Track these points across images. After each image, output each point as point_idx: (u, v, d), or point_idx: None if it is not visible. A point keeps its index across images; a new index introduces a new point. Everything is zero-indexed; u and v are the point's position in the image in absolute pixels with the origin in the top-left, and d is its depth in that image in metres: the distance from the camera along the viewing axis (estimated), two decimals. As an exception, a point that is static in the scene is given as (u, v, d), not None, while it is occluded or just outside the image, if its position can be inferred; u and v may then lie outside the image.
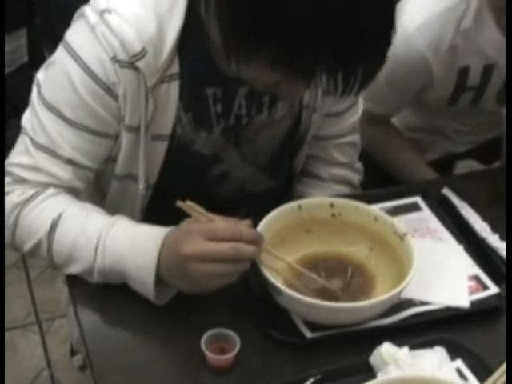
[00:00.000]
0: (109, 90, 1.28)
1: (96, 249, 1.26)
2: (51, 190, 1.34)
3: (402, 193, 1.52)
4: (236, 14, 1.10)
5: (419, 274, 1.25)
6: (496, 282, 1.34)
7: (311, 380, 1.14)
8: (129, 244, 1.26)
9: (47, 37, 3.16)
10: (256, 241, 1.19)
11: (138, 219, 1.42)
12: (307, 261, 1.33)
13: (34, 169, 1.34)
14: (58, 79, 1.30)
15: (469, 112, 1.86)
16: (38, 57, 2.98)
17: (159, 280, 1.23)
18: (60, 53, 1.31)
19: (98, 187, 1.48)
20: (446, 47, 1.67)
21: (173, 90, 1.32)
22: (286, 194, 1.59)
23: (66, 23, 3.13)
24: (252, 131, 1.43)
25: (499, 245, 1.42)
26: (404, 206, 1.50)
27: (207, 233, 1.18)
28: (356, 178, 1.64)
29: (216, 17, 1.16)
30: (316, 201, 1.39)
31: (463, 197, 1.52)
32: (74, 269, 1.31)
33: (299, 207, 1.36)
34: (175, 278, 1.22)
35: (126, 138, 1.34)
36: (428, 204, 1.51)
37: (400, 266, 1.29)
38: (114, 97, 1.28)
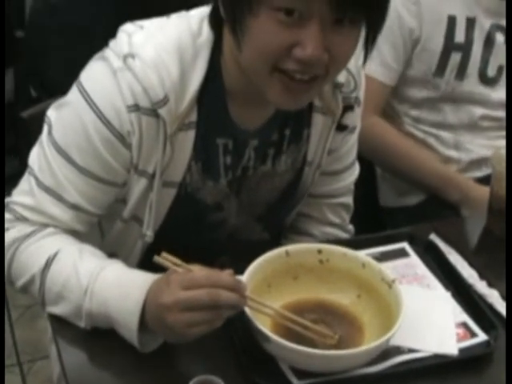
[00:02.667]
0: (122, 138, 1.27)
1: (85, 292, 1.25)
2: (51, 229, 1.34)
3: (389, 238, 1.52)
4: None
5: (407, 321, 1.24)
6: (484, 329, 1.33)
7: (298, 430, 1.12)
8: (116, 289, 1.25)
9: (34, 76, 3.18)
10: (236, 288, 1.17)
11: (136, 260, 1.43)
12: (294, 307, 1.32)
13: (36, 210, 1.33)
14: (70, 122, 1.30)
15: (454, 99, 1.97)
16: (24, 96, 3.00)
17: (144, 327, 1.22)
18: (75, 95, 1.30)
19: (99, 225, 1.47)
20: None
21: (189, 138, 1.32)
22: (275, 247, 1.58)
23: (52, 63, 3.15)
24: (254, 181, 1.44)
25: (487, 291, 1.42)
26: (391, 251, 1.50)
27: (185, 282, 1.17)
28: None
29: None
30: (303, 247, 1.38)
31: (450, 243, 1.52)
32: (63, 309, 1.30)
33: (287, 253, 1.35)
34: (157, 328, 1.21)
35: (138, 183, 1.33)
36: (415, 250, 1.51)
37: (388, 313, 1.28)
38: (127, 146, 1.28)
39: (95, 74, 1.29)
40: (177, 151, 1.32)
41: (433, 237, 1.53)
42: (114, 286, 1.26)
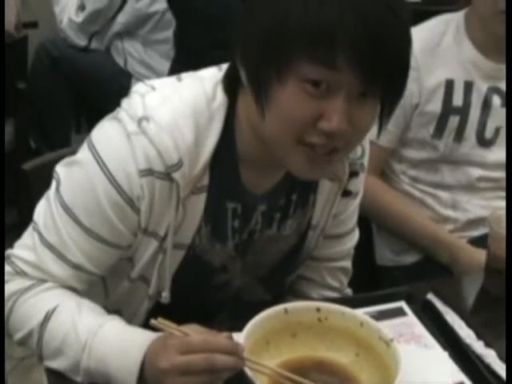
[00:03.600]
0: (131, 203, 1.28)
1: (83, 348, 1.25)
2: (50, 283, 1.34)
3: (386, 297, 1.52)
4: (255, 45, 1.20)
5: (405, 380, 1.24)
6: (481, 389, 1.33)
7: None
8: (115, 347, 1.25)
9: (34, 128, 3.21)
10: (233, 351, 1.18)
11: (141, 319, 1.42)
12: (292, 365, 1.32)
13: (37, 267, 1.33)
14: (79, 183, 1.30)
15: (452, 161, 2.00)
16: (23, 147, 3.02)
17: None
18: (86, 155, 1.30)
19: (104, 283, 1.46)
20: (432, 54, 1.95)
21: (200, 201, 1.33)
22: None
23: (52, 115, 3.18)
24: (259, 244, 1.45)
25: (484, 352, 1.42)
26: (389, 310, 1.50)
27: (182, 346, 1.17)
28: None
29: (243, 67, 1.24)
30: (302, 305, 1.39)
31: (448, 302, 1.52)
32: (60, 364, 1.30)
33: (285, 311, 1.35)
34: None
35: (148, 245, 1.34)
36: (413, 309, 1.51)
37: (386, 371, 1.28)
38: (136, 210, 1.29)
39: (108, 136, 1.29)
40: (188, 214, 1.32)
41: (430, 296, 1.53)
42: (113, 344, 1.26)
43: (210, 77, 1.34)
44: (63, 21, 3.30)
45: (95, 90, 3.24)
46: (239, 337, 1.27)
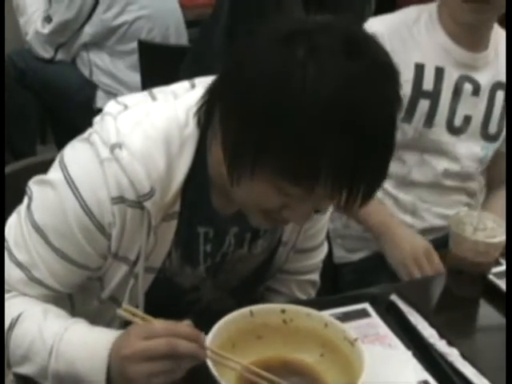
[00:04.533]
0: (102, 228, 1.27)
1: (50, 353, 1.26)
2: (14, 292, 1.34)
3: (351, 299, 1.55)
4: (240, 131, 1.15)
5: (369, 379, 1.26)
6: (445, 387, 1.36)
7: None
8: (82, 349, 1.26)
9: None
10: (194, 337, 1.19)
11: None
12: (259, 366, 1.32)
13: (8, 285, 1.33)
14: (50, 203, 1.29)
15: (420, 148, 2.02)
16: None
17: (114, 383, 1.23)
18: (57, 176, 1.28)
19: (70, 298, 1.45)
20: (402, 38, 1.98)
21: (171, 227, 1.33)
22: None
23: (18, 125, 3.14)
24: (230, 264, 1.46)
25: (447, 350, 1.45)
26: (353, 312, 1.52)
27: (143, 333, 1.19)
28: None
29: (222, 132, 1.20)
30: (267, 307, 1.40)
31: (411, 303, 1.55)
32: (29, 369, 1.30)
33: (251, 313, 1.37)
34: (119, 382, 1.22)
35: (118, 269, 1.34)
36: (377, 310, 1.53)
37: (351, 371, 1.30)
38: (106, 235, 1.29)
39: (81, 160, 1.28)
40: (159, 240, 1.33)
41: (394, 297, 1.56)
42: (79, 346, 1.26)
43: (183, 103, 1.32)
44: (29, 33, 3.29)
45: (61, 101, 3.23)
46: (206, 339, 1.29)
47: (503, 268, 1.68)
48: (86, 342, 1.26)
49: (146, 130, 1.27)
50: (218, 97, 1.23)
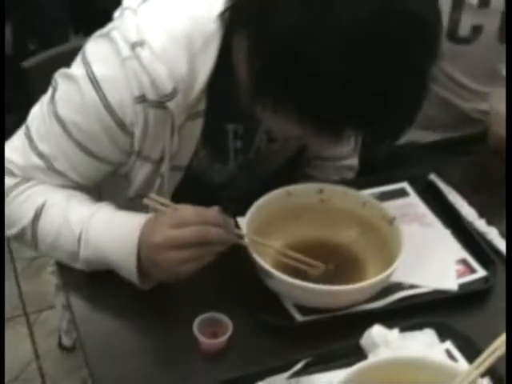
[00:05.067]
0: (124, 127, 1.26)
1: (79, 240, 1.27)
2: (35, 180, 1.33)
3: (389, 179, 1.53)
4: (267, 60, 1.08)
5: (408, 258, 1.27)
6: (483, 265, 1.36)
7: (303, 362, 1.15)
8: (110, 233, 1.26)
9: (31, 30, 3.17)
10: (223, 224, 1.19)
11: None
12: (297, 246, 1.34)
13: (26, 172, 1.33)
14: (73, 98, 1.27)
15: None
16: (22, 50, 2.99)
17: (143, 267, 1.24)
18: (81, 73, 1.25)
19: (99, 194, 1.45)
20: None
21: (196, 126, 1.31)
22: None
23: (48, 18, 3.12)
24: (264, 157, 1.44)
25: (486, 229, 1.44)
26: (392, 191, 1.51)
27: (173, 220, 1.19)
28: None
29: (248, 59, 1.13)
30: (305, 187, 1.40)
31: (450, 183, 1.54)
32: (59, 255, 1.32)
33: (288, 193, 1.36)
34: (151, 268, 1.23)
35: (142, 168, 1.33)
36: (415, 190, 1.52)
37: (389, 250, 1.31)
38: (129, 134, 1.27)
39: (103, 58, 1.25)
40: (184, 139, 1.30)
41: (433, 177, 1.54)
42: (107, 231, 1.27)
43: None
44: None
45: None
46: (243, 221, 1.30)
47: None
48: (114, 227, 1.27)
49: (167, 27, 1.23)
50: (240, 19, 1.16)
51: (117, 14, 1.29)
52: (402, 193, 1.51)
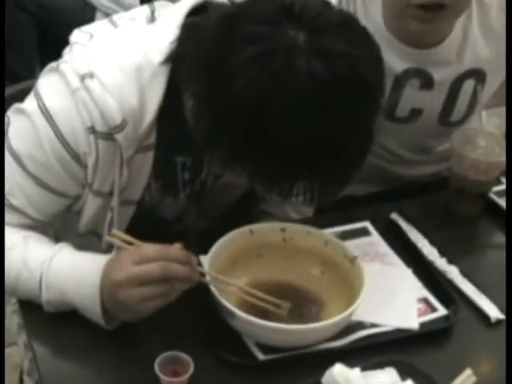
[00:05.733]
0: (77, 158, 1.25)
1: (40, 284, 1.26)
2: None
3: (351, 218, 1.55)
4: (217, 120, 1.10)
5: (369, 297, 1.28)
6: (444, 303, 1.37)
7: (264, 401, 1.15)
8: (71, 277, 1.26)
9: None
10: (186, 260, 1.19)
11: None
12: (259, 284, 1.34)
13: None
14: (27, 132, 1.27)
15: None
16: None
17: (107, 307, 1.23)
18: (33, 107, 1.26)
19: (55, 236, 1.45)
20: None
21: (147, 159, 1.31)
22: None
23: (16, 49, 3.06)
24: (213, 191, 1.44)
25: (447, 268, 1.46)
26: (354, 230, 1.52)
27: (135, 257, 1.19)
28: None
29: (196, 114, 1.15)
30: (267, 226, 1.41)
31: (412, 221, 1.55)
32: (22, 297, 1.31)
33: (251, 232, 1.37)
34: (113, 307, 1.22)
35: (94, 201, 1.32)
36: (377, 228, 1.54)
37: (351, 289, 1.32)
38: (83, 165, 1.26)
39: (54, 90, 1.26)
40: (135, 172, 1.30)
41: (394, 216, 1.56)
42: (68, 275, 1.26)
43: (152, 29, 1.29)
44: None
45: (58, 23, 3.17)
46: (205, 259, 1.30)
47: (503, 187, 1.67)
48: (75, 270, 1.26)
49: (116, 59, 1.24)
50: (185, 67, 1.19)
51: (66, 50, 1.30)
52: (363, 232, 1.53)
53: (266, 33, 1.07)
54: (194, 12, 1.28)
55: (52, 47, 3.43)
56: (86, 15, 3.07)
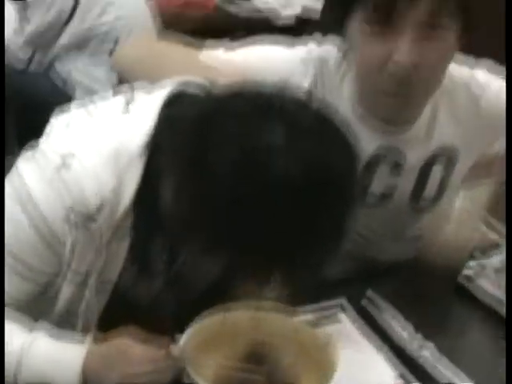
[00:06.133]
0: (56, 239, 1.26)
1: (15, 375, 1.27)
2: None
3: (323, 303, 1.55)
4: (195, 214, 1.15)
5: (342, 382, 1.27)
6: (421, 382, 1.38)
7: None
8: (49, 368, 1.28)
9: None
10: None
11: None
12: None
13: None
14: (7, 211, 1.28)
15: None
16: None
17: None
18: (13, 188, 1.27)
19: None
20: None
21: (124, 243, 1.32)
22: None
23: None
24: (191, 275, 1.41)
25: (423, 344, 1.47)
26: (326, 316, 1.52)
27: (124, 370, 1.25)
28: None
29: (174, 205, 1.19)
30: (239, 312, 1.39)
31: (386, 299, 1.57)
32: None
33: (223, 318, 1.38)
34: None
35: (70, 285, 1.32)
36: (349, 313, 1.54)
37: (323, 375, 1.31)
38: (62, 247, 1.27)
39: (34, 171, 1.27)
40: (112, 256, 1.31)
41: (367, 298, 1.58)
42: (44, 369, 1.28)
43: (121, 116, 1.32)
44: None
45: (33, 113, 3.20)
46: (181, 341, 1.31)
47: (474, 267, 1.69)
48: (53, 358, 1.28)
49: (95, 144, 1.27)
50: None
51: (46, 132, 1.32)
52: (335, 318, 1.53)
53: (243, 131, 1.10)
54: (169, 102, 1.31)
55: (27, 136, 3.45)
56: (63, 104, 3.11)
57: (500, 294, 1.61)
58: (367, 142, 1.63)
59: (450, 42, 1.50)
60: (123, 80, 1.59)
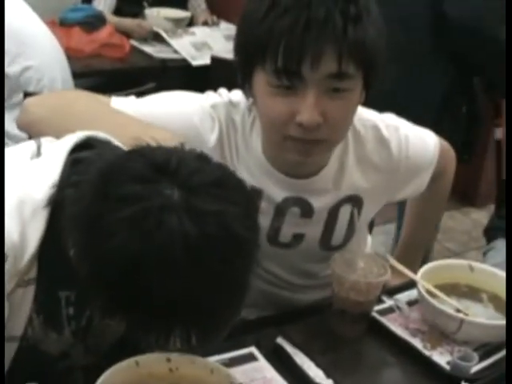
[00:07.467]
0: None
1: None
2: None
3: (237, 344, 1.56)
4: (94, 278, 1.14)
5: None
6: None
7: None
8: None
9: None
10: None
11: None
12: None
13: None
14: None
15: None
16: None
17: None
18: None
19: None
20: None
21: (28, 294, 1.30)
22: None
23: None
24: (100, 327, 1.44)
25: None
26: (240, 356, 1.54)
27: None
28: None
29: (75, 261, 1.18)
30: (153, 356, 1.40)
31: (296, 345, 1.58)
32: None
33: (136, 363, 1.36)
34: None
35: None
36: (263, 353, 1.56)
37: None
38: None
39: None
40: (16, 307, 1.29)
41: (279, 340, 1.59)
42: None
43: (29, 162, 1.33)
44: None
45: None
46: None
47: (385, 305, 1.73)
48: None
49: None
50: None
51: None
52: (250, 357, 1.54)
53: (140, 192, 1.11)
54: (73, 160, 1.31)
55: None
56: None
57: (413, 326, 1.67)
58: (274, 193, 1.70)
59: (354, 94, 1.53)
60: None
